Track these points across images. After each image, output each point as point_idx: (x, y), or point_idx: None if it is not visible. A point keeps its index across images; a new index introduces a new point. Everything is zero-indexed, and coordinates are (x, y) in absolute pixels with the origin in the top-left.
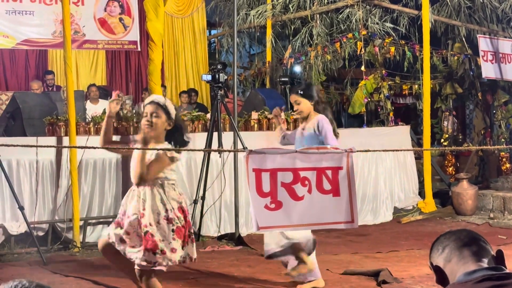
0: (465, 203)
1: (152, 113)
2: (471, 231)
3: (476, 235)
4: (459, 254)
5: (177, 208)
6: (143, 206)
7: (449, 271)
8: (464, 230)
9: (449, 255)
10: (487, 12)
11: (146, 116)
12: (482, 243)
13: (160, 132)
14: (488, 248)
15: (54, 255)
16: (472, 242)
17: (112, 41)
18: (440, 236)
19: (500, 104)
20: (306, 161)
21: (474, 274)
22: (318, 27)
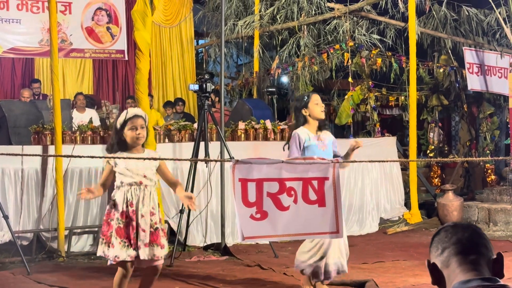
0: (451, 214)
1: (141, 126)
2: (473, 231)
3: (478, 238)
4: (458, 260)
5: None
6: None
7: (446, 276)
8: (467, 228)
9: (447, 259)
10: (473, 25)
11: (136, 129)
12: (483, 248)
13: None
14: (488, 253)
15: (39, 265)
16: (472, 249)
17: (99, 50)
18: (440, 230)
19: (485, 116)
20: (292, 171)
21: (469, 283)
22: (305, 38)
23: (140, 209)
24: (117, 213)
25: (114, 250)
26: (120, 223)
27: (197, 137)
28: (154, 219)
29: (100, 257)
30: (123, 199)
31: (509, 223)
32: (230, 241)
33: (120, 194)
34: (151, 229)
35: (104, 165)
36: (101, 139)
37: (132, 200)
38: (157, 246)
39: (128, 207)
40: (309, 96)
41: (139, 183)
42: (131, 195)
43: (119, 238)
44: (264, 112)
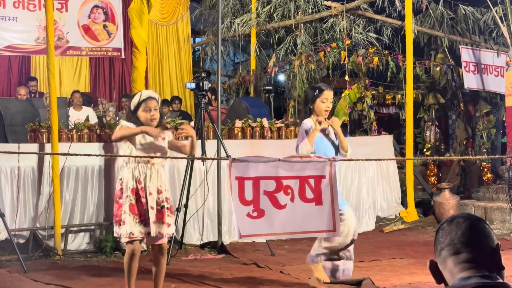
0: (447, 212)
1: (155, 108)
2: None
3: (474, 231)
4: (453, 260)
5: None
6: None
7: (446, 276)
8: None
9: (444, 260)
10: (470, 24)
11: (150, 111)
12: (481, 240)
13: None
14: (488, 244)
15: (35, 263)
16: (467, 246)
17: (96, 48)
18: (439, 228)
19: (481, 114)
20: (289, 169)
21: (468, 280)
22: (302, 36)
23: (149, 186)
24: (128, 191)
25: (126, 227)
26: (132, 200)
27: None
28: (161, 197)
29: (97, 255)
30: (131, 176)
31: (505, 222)
32: (227, 239)
33: (127, 171)
34: (157, 206)
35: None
36: (97, 137)
37: (139, 177)
38: (162, 224)
39: (137, 183)
40: (321, 91)
41: (147, 161)
42: (138, 172)
43: (132, 214)
44: (261, 110)
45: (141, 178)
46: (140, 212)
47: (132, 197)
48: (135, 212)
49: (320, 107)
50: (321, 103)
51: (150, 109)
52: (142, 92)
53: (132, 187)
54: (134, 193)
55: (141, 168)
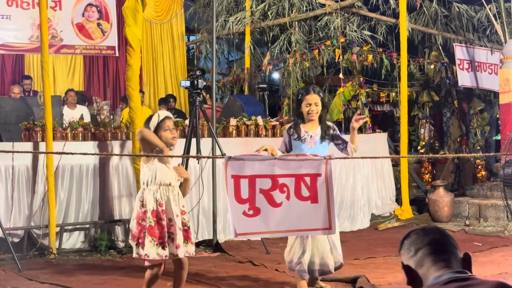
0: (441, 210)
1: (173, 127)
2: (443, 233)
3: (448, 239)
4: (431, 260)
5: None
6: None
7: (421, 275)
8: (436, 231)
9: (421, 260)
10: (463, 21)
11: (171, 131)
12: (452, 248)
13: None
14: (457, 252)
15: (30, 262)
16: (444, 249)
17: (90, 46)
18: (411, 233)
19: (475, 112)
20: (284, 167)
21: (442, 277)
22: (296, 34)
23: (174, 209)
24: (147, 212)
25: (145, 250)
26: (152, 222)
27: (188, 133)
28: (186, 218)
29: (92, 254)
30: (153, 198)
31: (499, 219)
32: (222, 238)
33: (149, 193)
34: (185, 227)
35: None
36: (92, 136)
37: (161, 200)
38: (188, 243)
39: (158, 206)
40: (303, 95)
41: (169, 184)
42: (160, 195)
43: (150, 236)
44: (256, 108)
45: (162, 201)
46: (159, 235)
47: (152, 219)
48: (154, 235)
49: (305, 111)
50: (305, 107)
51: (170, 129)
52: (159, 113)
53: (152, 209)
54: (154, 215)
55: (162, 191)
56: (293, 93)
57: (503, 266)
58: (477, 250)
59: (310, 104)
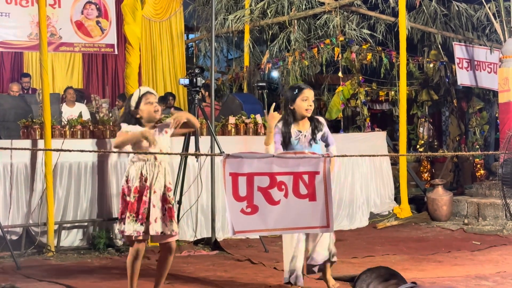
0: (440, 209)
1: (156, 101)
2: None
3: (392, 271)
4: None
5: None
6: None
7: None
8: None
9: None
10: (463, 20)
11: (152, 104)
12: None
13: None
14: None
15: (28, 260)
16: (391, 277)
17: (89, 44)
18: (360, 276)
19: (474, 111)
20: (283, 165)
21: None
22: (296, 33)
23: (154, 184)
24: (131, 188)
25: (125, 225)
26: (132, 198)
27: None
28: (171, 195)
29: (90, 252)
30: (137, 174)
31: (498, 218)
32: (220, 236)
33: (134, 169)
34: (169, 204)
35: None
36: (91, 134)
37: (147, 176)
38: (172, 222)
39: (142, 182)
40: (300, 90)
41: (154, 158)
42: (146, 170)
43: (128, 212)
44: (255, 106)
45: (148, 177)
46: (138, 210)
47: (134, 196)
48: (131, 210)
49: (301, 106)
50: (301, 101)
51: (152, 102)
52: (141, 88)
53: (136, 185)
54: (136, 191)
55: (148, 166)
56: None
57: (502, 265)
58: (476, 249)
59: (307, 99)
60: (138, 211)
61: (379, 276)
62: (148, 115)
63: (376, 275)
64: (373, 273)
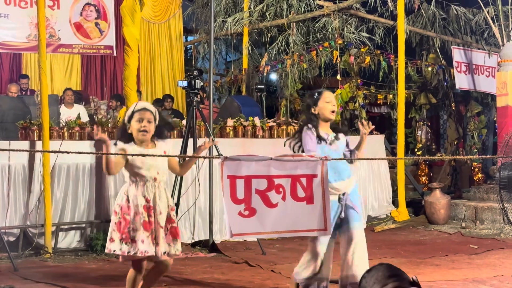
0: (438, 212)
1: (148, 120)
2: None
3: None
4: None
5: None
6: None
7: None
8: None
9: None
10: (461, 24)
11: (141, 121)
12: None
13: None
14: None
15: (25, 261)
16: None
17: (88, 46)
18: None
19: (473, 115)
20: (280, 168)
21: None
22: (294, 36)
23: (158, 205)
24: (140, 207)
25: (139, 245)
26: (145, 217)
27: (185, 133)
28: (174, 215)
29: (87, 254)
30: (140, 193)
31: (495, 222)
32: (218, 238)
33: (135, 189)
34: (173, 224)
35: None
36: (89, 135)
37: (148, 197)
38: (177, 241)
39: (146, 202)
40: (320, 93)
41: (154, 179)
42: (147, 191)
43: (146, 232)
44: (253, 109)
45: (149, 197)
46: (150, 230)
47: (145, 214)
48: (148, 230)
49: (326, 108)
50: (325, 103)
51: (142, 120)
52: (138, 103)
53: (143, 204)
54: (146, 210)
55: (149, 186)
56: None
57: (499, 269)
58: (473, 253)
59: (330, 101)
60: (150, 230)
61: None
62: (135, 134)
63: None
64: (372, 278)
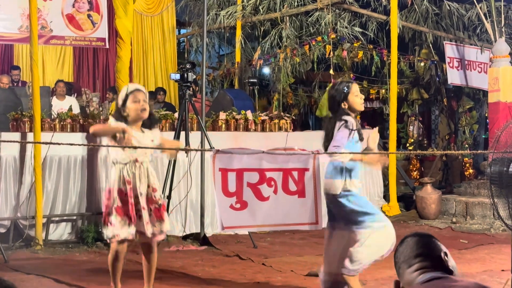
0: (429, 207)
1: (144, 100)
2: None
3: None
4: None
5: None
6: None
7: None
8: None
9: (402, 275)
10: (454, 20)
11: (139, 102)
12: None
13: None
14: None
15: (16, 253)
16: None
17: (80, 38)
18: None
19: (464, 110)
20: (272, 162)
21: (422, 279)
22: (287, 30)
23: (138, 187)
24: (114, 192)
25: (113, 229)
26: (118, 202)
27: (177, 126)
28: (157, 195)
29: (78, 246)
30: (118, 176)
31: (486, 217)
32: (209, 231)
33: (115, 171)
34: (155, 205)
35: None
36: (80, 127)
37: (128, 178)
38: (162, 222)
39: (126, 184)
40: (349, 87)
41: (135, 161)
42: (126, 172)
43: (119, 216)
44: (245, 102)
45: (129, 179)
46: (127, 213)
47: (119, 199)
48: (121, 214)
49: (355, 101)
50: (354, 97)
51: (139, 100)
52: (129, 85)
53: (118, 188)
54: (121, 194)
55: (129, 168)
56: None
57: (489, 263)
58: (463, 248)
59: (358, 93)
60: (127, 213)
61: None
62: (134, 114)
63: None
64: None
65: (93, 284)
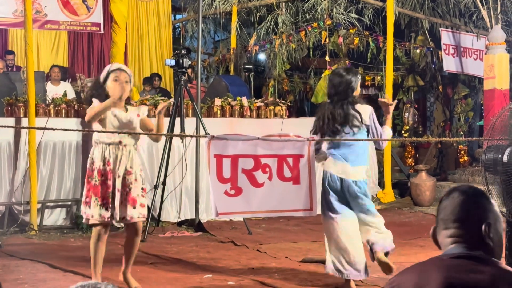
0: (423, 194)
1: (125, 80)
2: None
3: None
4: (444, 233)
5: None
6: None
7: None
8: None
9: (439, 232)
10: (450, 6)
11: (119, 80)
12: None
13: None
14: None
15: (10, 238)
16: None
17: (75, 22)
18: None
19: (460, 97)
20: (267, 148)
21: (453, 250)
22: (283, 16)
23: (118, 168)
24: (94, 171)
25: (90, 209)
26: (96, 181)
27: (173, 112)
28: (130, 179)
29: (73, 231)
30: (100, 156)
31: None
32: (204, 217)
33: (97, 151)
34: (126, 188)
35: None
36: (75, 113)
37: (109, 159)
38: (135, 207)
39: (106, 165)
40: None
41: (118, 142)
42: (108, 153)
43: (94, 196)
44: (241, 89)
45: (110, 160)
46: (103, 195)
47: (97, 179)
48: (97, 194)
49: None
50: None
51: (119, 80)
52: (113, 64)
53: (98, 167)
54: (100, 174)
55: (111, 149)
56: (283, 75)
57: None
58: None
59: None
60: (103, 195)
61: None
62: (113, 93)
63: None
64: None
65: (87, 270)
